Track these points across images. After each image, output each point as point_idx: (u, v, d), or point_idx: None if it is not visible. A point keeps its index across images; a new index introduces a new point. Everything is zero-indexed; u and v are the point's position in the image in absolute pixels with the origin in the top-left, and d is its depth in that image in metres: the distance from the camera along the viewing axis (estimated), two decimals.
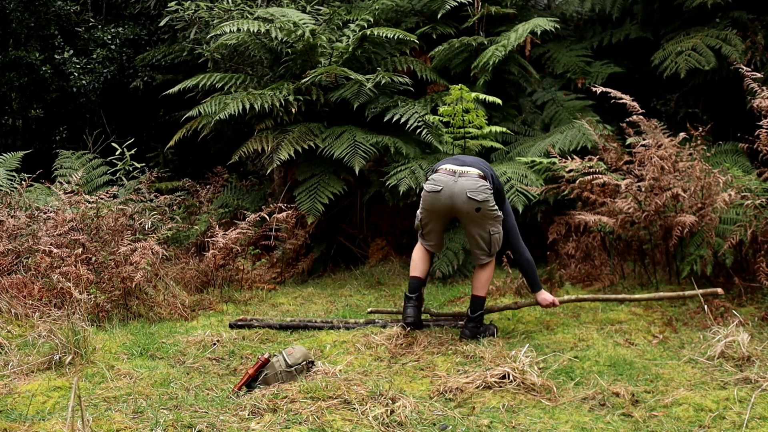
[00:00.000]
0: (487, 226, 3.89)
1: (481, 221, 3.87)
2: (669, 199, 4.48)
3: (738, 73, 4.68)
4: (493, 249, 3.97)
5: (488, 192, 3.81)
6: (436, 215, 3.97)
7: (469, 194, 3.77)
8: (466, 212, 3.83)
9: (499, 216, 3.92)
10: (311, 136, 6.05)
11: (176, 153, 8.86)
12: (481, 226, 3.89)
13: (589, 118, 5.76)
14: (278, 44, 6.52)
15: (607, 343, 3.76)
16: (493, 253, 3.99)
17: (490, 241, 3.93)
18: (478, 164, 3.94)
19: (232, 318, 4.63)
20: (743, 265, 4.41)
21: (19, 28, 8.97)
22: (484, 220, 3.86)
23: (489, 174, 3.91)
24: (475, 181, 3.81)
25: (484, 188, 3.80)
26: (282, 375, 3.32)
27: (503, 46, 6.19)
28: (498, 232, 3.93)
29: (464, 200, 3.78)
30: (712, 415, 2.83)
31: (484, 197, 3.79)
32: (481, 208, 3.80)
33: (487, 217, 3.85)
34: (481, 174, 3.84)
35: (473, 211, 3.81)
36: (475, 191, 3.78)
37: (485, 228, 3.89)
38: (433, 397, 3.13)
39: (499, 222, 3.94)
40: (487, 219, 3.86)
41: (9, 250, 4.72)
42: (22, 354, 3.60)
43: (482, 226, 3.89)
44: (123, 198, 5.79)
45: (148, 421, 2.83)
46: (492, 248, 3.96)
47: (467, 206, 3.79)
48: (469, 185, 3.79)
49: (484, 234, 3.91)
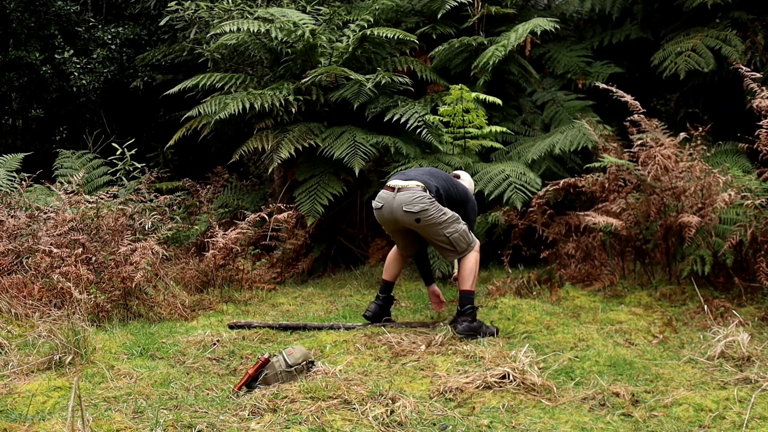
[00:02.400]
0: (439, 231, 3.94)
1: (430, 229, 3.94)
2: (670, 198, 4.49)
3: (738, 73, 4.68)
4: (460, 246, 4.00)
5: (426, 202, 3.88)
6: (388, 228, 4.14)
7: (404, 208, 3.89)
8: (409, 224, 3.96)
9: (448, 218, 3.94)
10: (311, 136, 6.05)
11: (176, 153, 8.87)
12: (434, 233, 3.97)
13: (589, 118, 5.76)
14: (278, 44, 6.52)
15: (607, 343, 3.76)
16: (462, 249, 4.01)
17: (451, 242, 3.97)
18: (422, 176, 4.03)
19: (232, 318, 4.63)
20: (743, 265, 4.41)
21: (19, 28, 8.97)
22: (432, 228, 3.93)
23: (435, 185, 3.98)
24: (412, 194, 3.90)
25: (421, 199, 3.88)
26: (282, 375, 3.32)
27: (503, 46, 6.19)
28: (456, 231, 3.96)
29: (402, 214, 3.91)
30: (712, 415, 2.83)
31: (420, 208, 3.86)
32: (420, 218, 3.88)
33: (431, 225, 3.91)
34: (421, 186, 3.93)
35: (414, 222, 3.91)
36: (410, 204, 3.88)
37: (438, 233, 3.95)
38: (433, 397, 3.13)
39: (455, 222, 3.96)
40: (434, 227, 3.92)
41: (9, 250, 4.72)
42: (22, 354, 3.60)
43: (434, 233, 3.96)
44: (123, 198, 5.79)
45: (148, 421, 2.83)
46: (458, 246, 3.99)
47: (407, 219, 3.91)
48: (404, 199, 3.90)
49: (440, 238, 3.98)
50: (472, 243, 4.06)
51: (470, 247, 4.04)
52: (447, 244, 3.98)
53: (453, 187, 4.12)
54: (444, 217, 3.93)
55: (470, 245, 4.04)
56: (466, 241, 4.01)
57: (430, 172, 4.14)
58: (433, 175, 4.10)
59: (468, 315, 3.94)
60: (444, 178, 4.13)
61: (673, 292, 4.44)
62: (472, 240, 4.06)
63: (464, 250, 4.02)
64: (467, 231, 4.03)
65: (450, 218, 3.96)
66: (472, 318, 3.94)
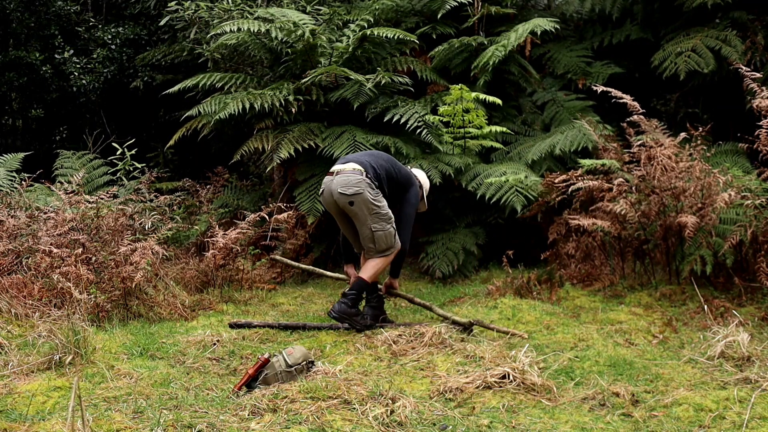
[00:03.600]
0: (368, 221, 3.96)
1: (361, 216, 3.97)
2: (670, 198, 4.49)
3: (738, 73, 4.68)
4: (380, 245, 4.02)
5: (362, 185, 3.91)
6: (334, 215, 4.17)
7: (340, 190, 3.94)
8: (344, 207, 4.00)
9: (381, 213, 3.97)
10: (311, 136, 6.05)
11: (176, 153, 8.87)
12: (362, 222, 3.99)
13: (589, 118, 5.76)
14: (278, 44, 6.52)
15: (607, 343, 3.76)
16: (381, 249, 4.04)
17: (374, 238, 3.99)
18: (361, 158, 4.08)
19: (233, 318, 4.63)
20: (743, 265, 4.41)
21: (19, 28, 8.97)
22: (363, 214, 3.95)
23: (372, 165, 4.01)
24: (347, 176, 3.94)
25: (356, 182, 3.91)
26: (282, 375, 3.32)
27: (503, 46, 6.19)
28: (382, 230, 3.98)
29: (338, 196, 3.96)
30: (712, 415, 2.83)
31: (354, 191, 3.90)
32: (354, 201, 3.91)
33: (364, 210, 3.93)
34: (358, 168, 3.96)
35: (348, 205, 3.95)
36: (345, 186, 3.92)
37: (366, 224, 3.98)
38: (433, 397, 3.12)
39: (385, 220, 3.99)
40: (366, 213, 3.94)
41: (9, 250, 4.72)
42: (22, 354, 3.60)
43: (363, 222, 3.99)
44: (123, 198, 5.79)
45: (148, 421, 2.83)
46: (378, 244, 4.01)
47: (342, 201, 3.96)
48: (341, 181, 3.94)
49: (366, 230, 4.00)
50: (392, 249, 4.07)
51: (389, 251, 4.06)
52: (370, 240, 4.00)
53: (395, 169, 4.15)
54: (376, 207, 3.95)
55: (390, 249, 4.05)
56: (387, 244, 4.03)
57: (371, 154, 4.18)
58: (373, 156, 4.13)
59: (350, 299, 4.01)
60: (386, 159, 4.16)
61: (673, 292, 4.44)
62: (393, 245, 4.06)
63: (383, 251, 4.04)
64: (393, 235, 4.04)
65: (382, 213, 3.98)
66: (352, 303, 4.01)
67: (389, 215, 4.03)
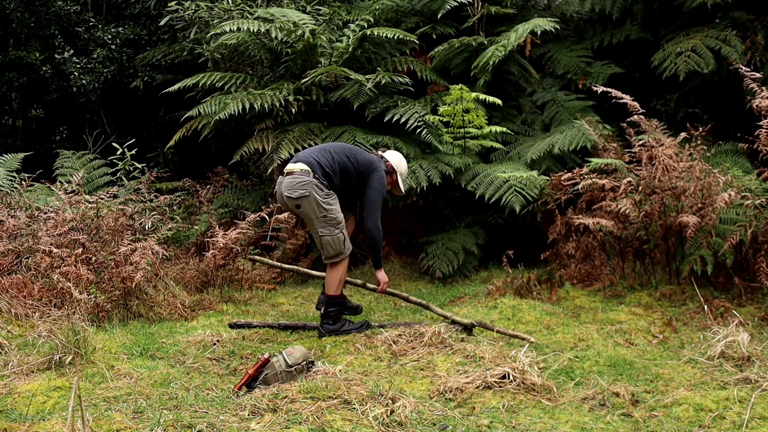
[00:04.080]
0: (315, 225, 3.89)
1: (309, 220, 3.91)
2: (670, 198, 4.49)
3: (738, 73, 4.68)
4: (327, 251, 3.94)
5: (308, 187, 3.81)
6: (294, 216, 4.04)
7: (286, 193, 3.87)
8: (292, 211, 3.96)
9: (329, 217, 3.88)
10: (312, 136, 6.05)
11: (176, 153, 8.86)
12: (311, 226, 3.93)
13: (589, 118, 5.76)
14: (278, 44, 6.52)
15: (607, 343, 3.76)
16: (329, 255, 3.96)
17: (321, 243, 3.93)
18: (310, 156, 3.94)
19: (233, 318, 4.63)
20: (743, 265, 4.41)
21: (19, 28, 8.96)
22: (310, 217, 3.88)
23: (320, 164, 3.88)
24: (293, 178, 3.85)
25: (303, 184, 3.81)
26: (282, 375, 3.32)
27: (503, 46, 6.19)
28: (329, 235, 3.89)
29: (285, 200, 3.90)
30: (712, 415, 2.83)
31: (300, 193, 3.81)
32: (300, 204, 3.83)
33: (310, 213, 3.85)
34: (306, 169, 3.85)
35: (296, 208, 3.89)
36: (291, 189, 3.84)
37: (314, 227, 3.91)
38: (433, 397, 3.13)
39: (333, 225, 3.90)
40: (313, 217, 3.86)
41: (9, 250, 4.72)
42: (22, 354, 3.60)
43: (312, 226, 3.93)
44: (123, 198, 5.79)
45: (148, 421, 2.83)
46: (325, 250, 3.94)
47: (290, 205, 3.90)
48: (287, 184, 3.87)
49: (315, 234, 3.94)
50: (341, 255, 3.98)
51: (338, 258, 3.98)
52: (319, 244, 3.95)
53: (352, 159, 4.01)
54: (324, 211, 3.86)
55: (338, 256, 3.97)
56: (334, 250, 3.95)
57: (322, 149, 4.04)
58: (325, 151, 4.00)
59: (330, 317, 4.02)
60: (340, 151, 4.03)
61: (673, 292, 4.44)
62: (342, 251, 3.98)
63: (331, 256, 3.97)
64: (342, 240, 3.95)
65: (330, 217, 3.89)
66: (333, 321, 4.02)
67: (338, 219, 3.92)
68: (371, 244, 4.14)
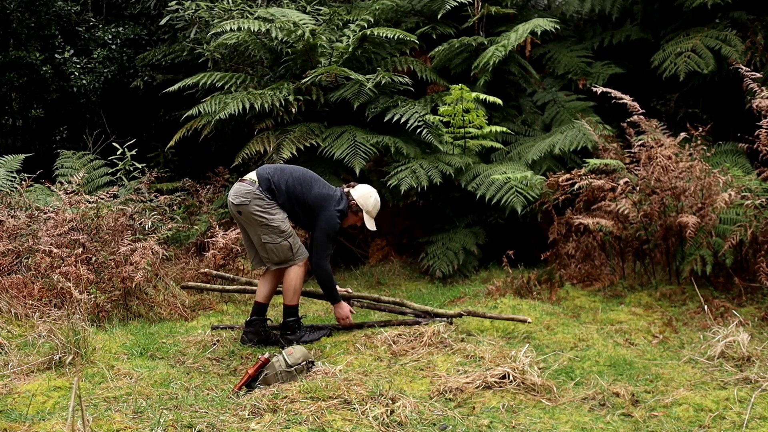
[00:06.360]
0: (257, 231, 3.91)
1: (250, 225, 3.94)
2: (670, 198, 4.49)
3: (738, 73, 4.68)
4: (271, 257, 3.95)
5: (248, 197, 3.86)
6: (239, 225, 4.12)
7: (230, 198, 3.94)
8: (234, 216, 4.00)
9: (271, 226, 3.87)
10: (312, 136, 6.06)
11: (176, 153, 8.85)
12: (253, 231, 3.96)
13: (589, 118, 5.76)
14: (278, 44, 6.52)
15: (607, 343, 3.76)
16: (273, 260, 3.96)
17: (265, 249, 3.94)
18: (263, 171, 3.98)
19: (232, 318, 4.63)
20: (743, 265, 4.41)
21: (19, 28, 8.96)
22: (251, 224, 3.92)
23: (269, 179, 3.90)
24: (240, 186, 3.93)
25: (245, 192, 3.88)
26: (282, 375, 3.32)
27: (503, 46, 6.19)
28: (272, 242, 3.89)
29: (229, 204, 3.98)
30: (712, 415, 2.83)
31: (240, 201, 3.88)
32: (242, 211, 3.89)
33: (251, 220, 3.89)
34: (254, 179, 3.92)
35: (237, 214, 3.94)
36: (236, 195, 3.91)
37: (256, 233, 3.93)
38: (433, 397, 3.13)
39: (275, 233, 3.88)
40: (253, 224, 3.90)
41: (9, 250, 4.73)
42: (22, 354, 3.60)
43: (253, 231, 3.95)
44: (123, 198, 5.79)
45: (148, 421, 2.83)
46: (270, 255, 3.95)
47: (233, 210, 3.96)
48: (235, 190, 3.95)
49: (256, 239, 3.96)
50: (291, 261, 3.95)
51: (289, 262, 3.96)
52: (262, 248, 3.95)
53: (305, 192, 3.94)
54: (263, 220, 3.86)
55: (288, 261, 3.95)
56: (279, 257, 3.93)
57: (280, 170, 4.01)
58: (281, 173, 3.97)
59: (289, 328, 4.03)
60: (298, 179, 3.97)
61: (673, 292, 4.44)
62: (292, 257, 3.95)
63: (277, 262, 3.96)
64: (288, 248, 3.92)
65: (272, 226, 3.87)
66: (292, 331, 4.03)
67: (281, 229, 3.88)
68: (319, 283, 4.12)
